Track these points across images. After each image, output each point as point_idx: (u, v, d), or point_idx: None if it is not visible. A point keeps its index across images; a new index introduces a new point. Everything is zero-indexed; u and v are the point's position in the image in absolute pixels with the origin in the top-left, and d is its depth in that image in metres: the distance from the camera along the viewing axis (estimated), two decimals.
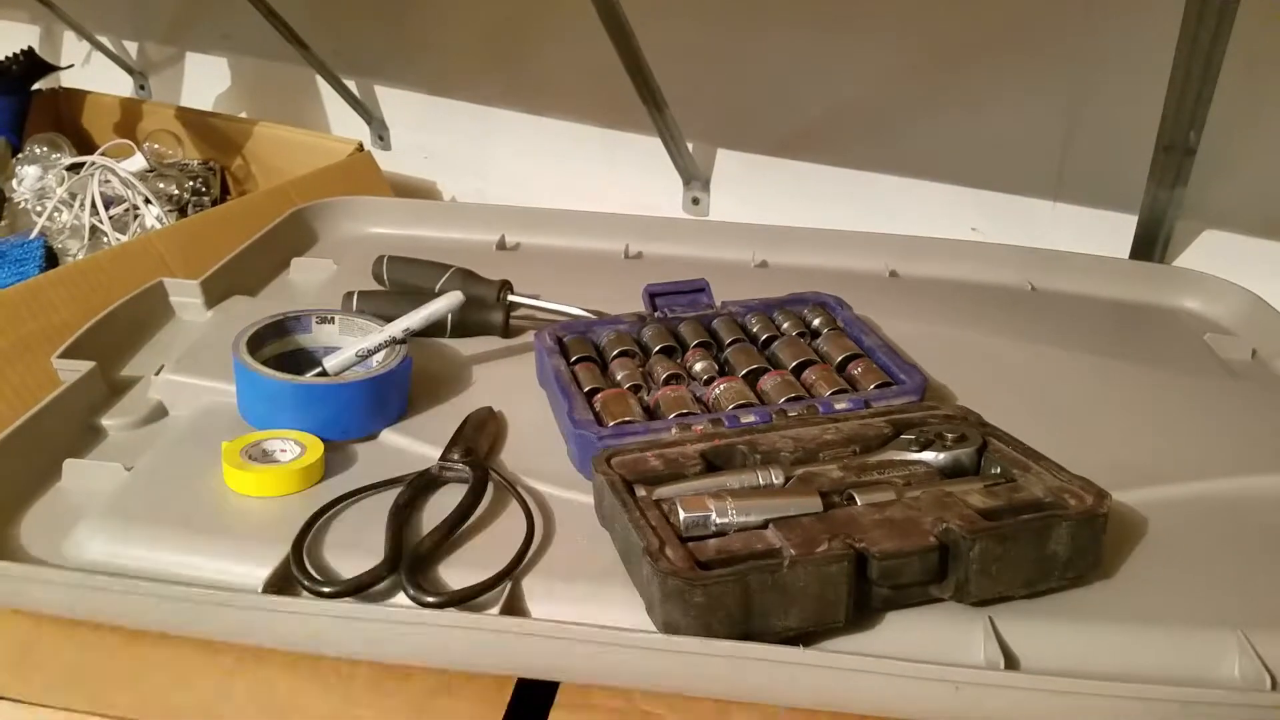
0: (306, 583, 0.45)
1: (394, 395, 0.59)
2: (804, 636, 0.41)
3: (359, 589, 0.44)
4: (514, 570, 0.46)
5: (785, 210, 1.00)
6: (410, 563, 0.46)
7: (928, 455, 0.49)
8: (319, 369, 0.59)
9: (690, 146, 1.02)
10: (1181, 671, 0.42)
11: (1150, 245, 0.82)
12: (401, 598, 0.44)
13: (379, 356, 0.60)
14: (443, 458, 0.54)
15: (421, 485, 0.52)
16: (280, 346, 0.61)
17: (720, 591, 0.39)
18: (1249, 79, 0.72)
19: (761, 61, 0.96)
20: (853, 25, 0.90)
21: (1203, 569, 0.47)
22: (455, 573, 0.46)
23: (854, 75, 0.93)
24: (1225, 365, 0.68)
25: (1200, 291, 0.77)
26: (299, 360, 0.61)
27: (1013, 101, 0.86)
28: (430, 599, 0.43)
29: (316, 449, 0.54)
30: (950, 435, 0.50)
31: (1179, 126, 0.73)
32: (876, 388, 0.58)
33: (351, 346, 0.59)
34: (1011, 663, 0.42)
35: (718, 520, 0.44)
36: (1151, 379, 0.65)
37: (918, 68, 0.90)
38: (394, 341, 0.60)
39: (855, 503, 0.45)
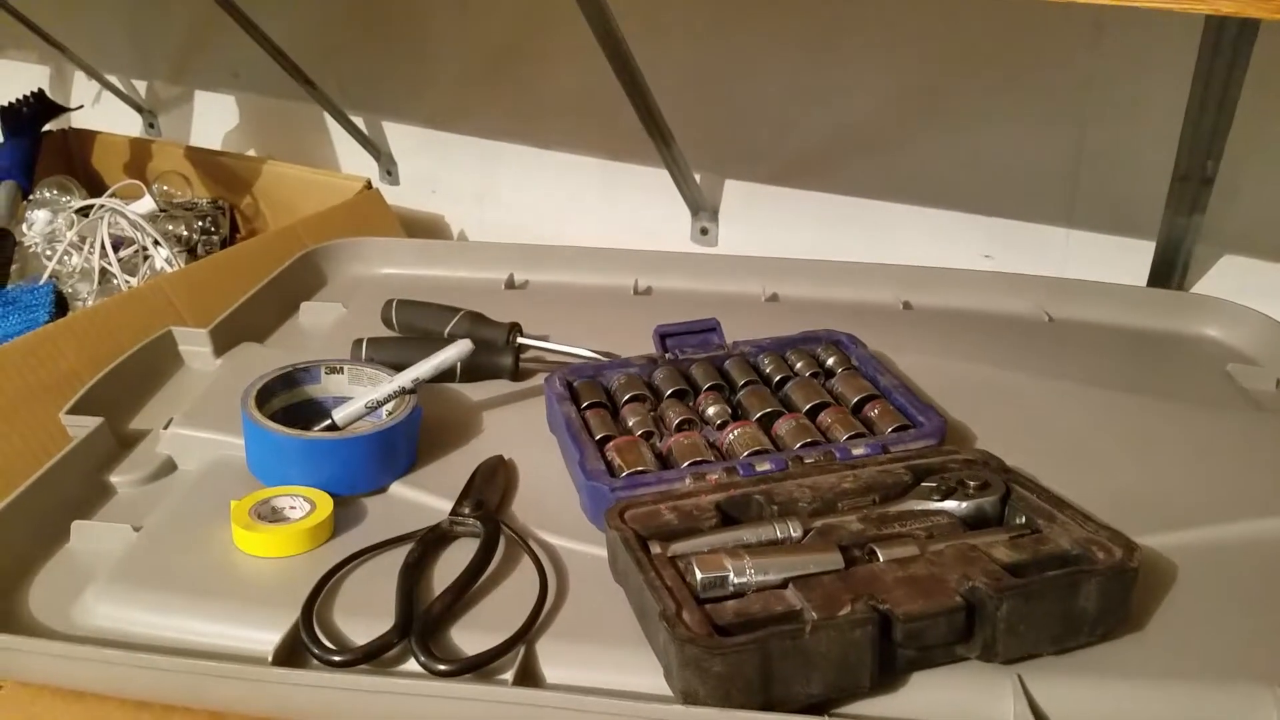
0: (316, 650, 0.44)
1: (403, 447, 0.58)
2: (826, 703, 0.40)
3: (369, 657, 0.43)
4: (527, 633, 0.45)
5: (795, 239, 0.99)
6: (421, 627, 0.45)
7: (950, 505, 0.48)
8: (328, 422, 0.58)
9: (698, 177, 1.01)
10: None
11: (1168, 272, 0.81)
12: (413, 663, 0.44)
13: (388, 407, 0.59)
14: (453, 511, 0.53)
15: (432, 541, 0.51)
16: (289, 398, 0.61)
17: (740, 660, 0.38)
18: (1267, 105, 0.71)
19: (768, 89, 0.96)
20: (860, 51, 0.90)
21: (1235, 619, 0.46)
22: (468, 635, 0.45)
23: (861, 101, 0.92)
24: (1249, 396, 0.67)
25: (1221, 319, 0.76)
26: (309, 411, 0.61)
27: (1024, 127, 0.85)
28: (442, 667, 0.42)
29: (326, 506, 0.53)
30: (973, 483, 0.49)
31: (1195, 156, 0.72)
32: (894, 430, 0.57)
33: (361, 398, 0.59)
34: None
35: (736, 580, 0.43)
36: (1175, 414, 0.64)
37: (926, 92, 0.89)
38: (403, 392, 0.59)
39: (877, 557, 0.44)
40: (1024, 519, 0.47)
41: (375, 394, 0.58)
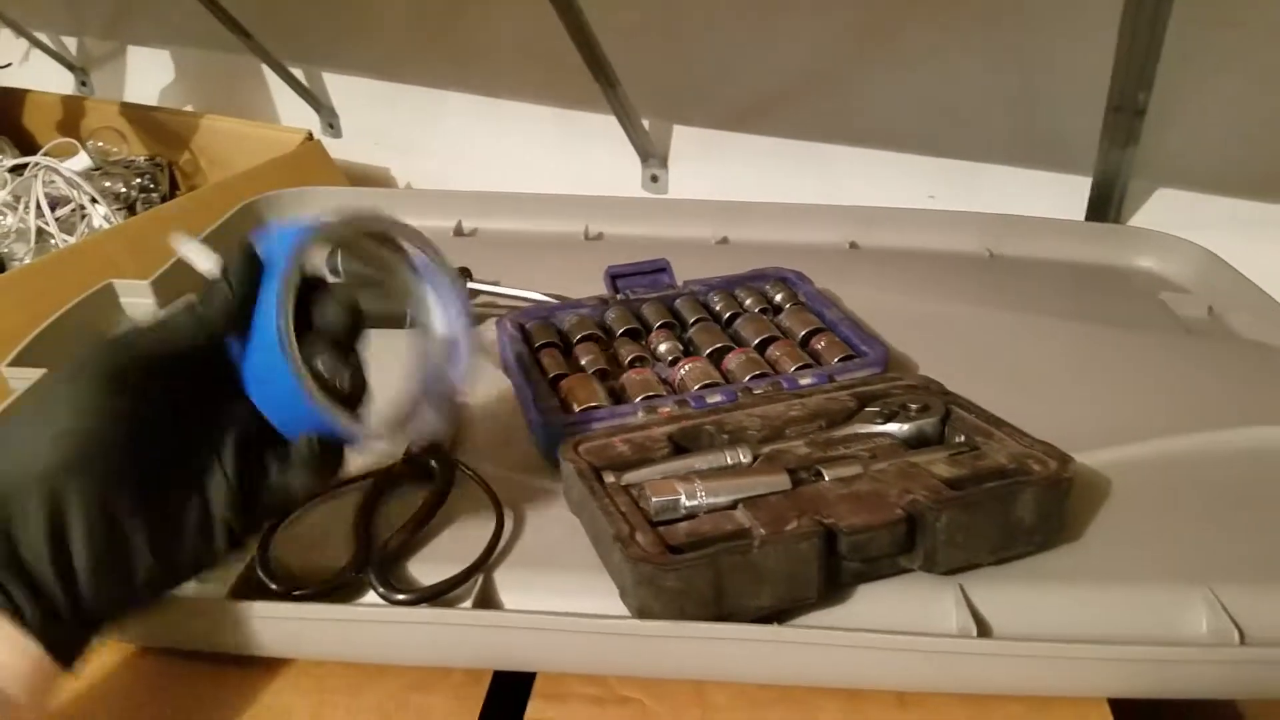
0: (274, 587, 0.44)
1: None
2: (777, 614, 0.42)
3: (327, 590, 0.44)
4: (485, 563, 0.45)
5: (744, 184, 1.00)
6: (379, 561, 0.45)
7: (892, 427, 0.50)
8: None
9: (646, 123, 1.01)
10: (1151, 629, 0.42)
11: (1105, 206, 0.83)
12: (372, 596, 0.44)
13: None
14: (407, 452, 0.53)
15: (387, 481, 0.52)
16: None
17: (692, 575, 0.39)
18: (1195, 36, 0.73)
19: (713, 34, 0.96)
20: None
21: (1167, 527, 0.48)
22: (426, 568, 0.46)
23: (805, 46, 0.93)
24: (1182, 323, 0.69)
25: (1155, 250, 0.78)
26: None
27: (961, 66, 0.86)
28: (401, 596, 0.43)
29: None
30: (914, 406, 0.50)
31: (1128, 87, 0.73)
32: (840, 361, 0.58)
33: None
34: (984, 629, 0.42)
35: (687, 503, 0.44)
36: (1110, 340, 0.66)
37: (868, 35, 0.89)
38: None
39: (822, 478, 0.45)
40: (963, 438, 0.49)
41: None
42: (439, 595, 0.43)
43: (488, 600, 0.45)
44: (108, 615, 0.37)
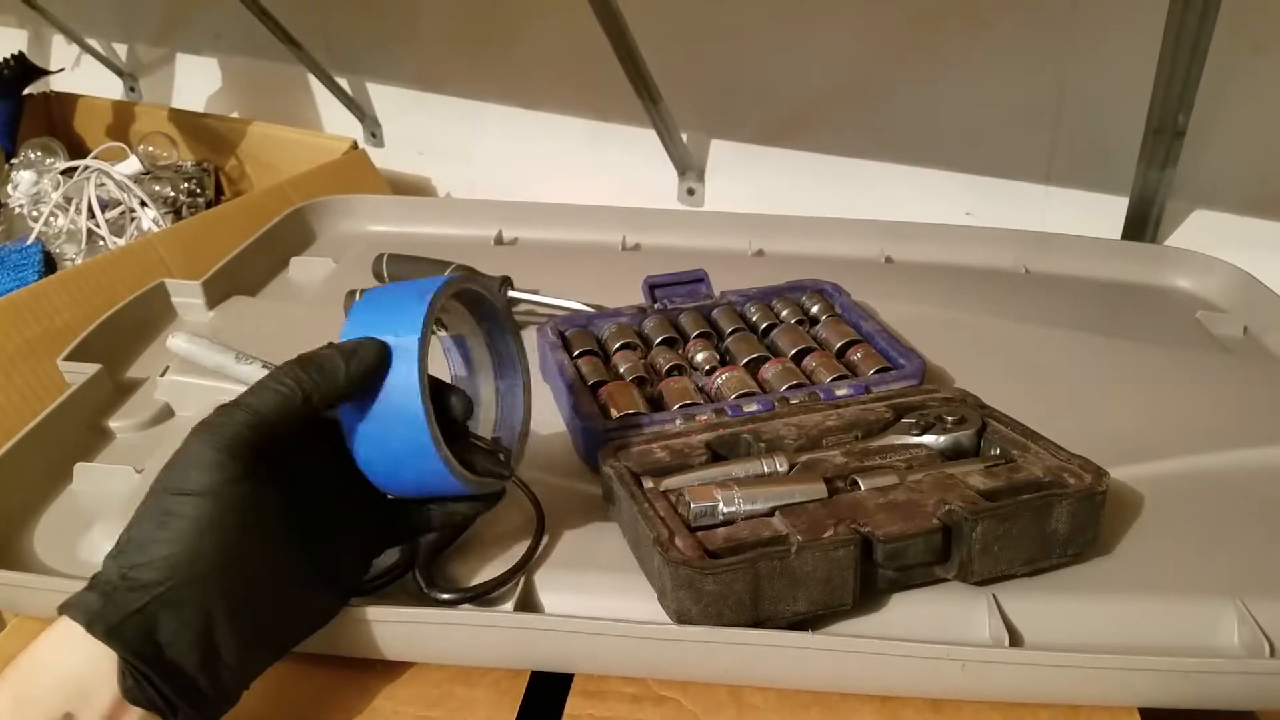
0: None
1: None
2: (812, 620, 0.42)
3: (375, 589, 0.45)
4: (526, 564, 0.46)
5: (780, 198, 1.01)
6: (424, 560, 0.46)
7: (928, 438, 0.50)
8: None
9: (684, 136, 1.02)
10: (1182, 641, 0.43)
11: (1142, 225, 0.83)
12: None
13: None
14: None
15: None
16: None
17: (730, 579, 0.40)
18: (1236, 59, 0.73)
19: (754, 49, 0.97)
20: (844, 9, 0.91)
21: (1199, 541, 0.48)
22: (469, 568, 0.47)
23: (843, 61, 0.94)
24: (1217, 341, 0.69)
25: (1191, 270, 0.78)
26: None
27: (1002, 84, 0.87)
28: (445, 596, 0.44)
29: None
30: (950, 418, 0.51)
31: (1168, 109, 0.73)
32: (876, 372, 0.59)
33: None
34: (1015, 639, 0.43)
35: (725, 509, 0.44)
36: (1145, 357, 0.66)
37: (908, 52, 0.90)
38: None
39: (859, 487, 0.46)
40: (999, 450, 0.49)
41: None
42: (481, 595, 0.45)
43: (528, 601, 0.46)
44: (251, 677, 0.38)
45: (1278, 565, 0.46)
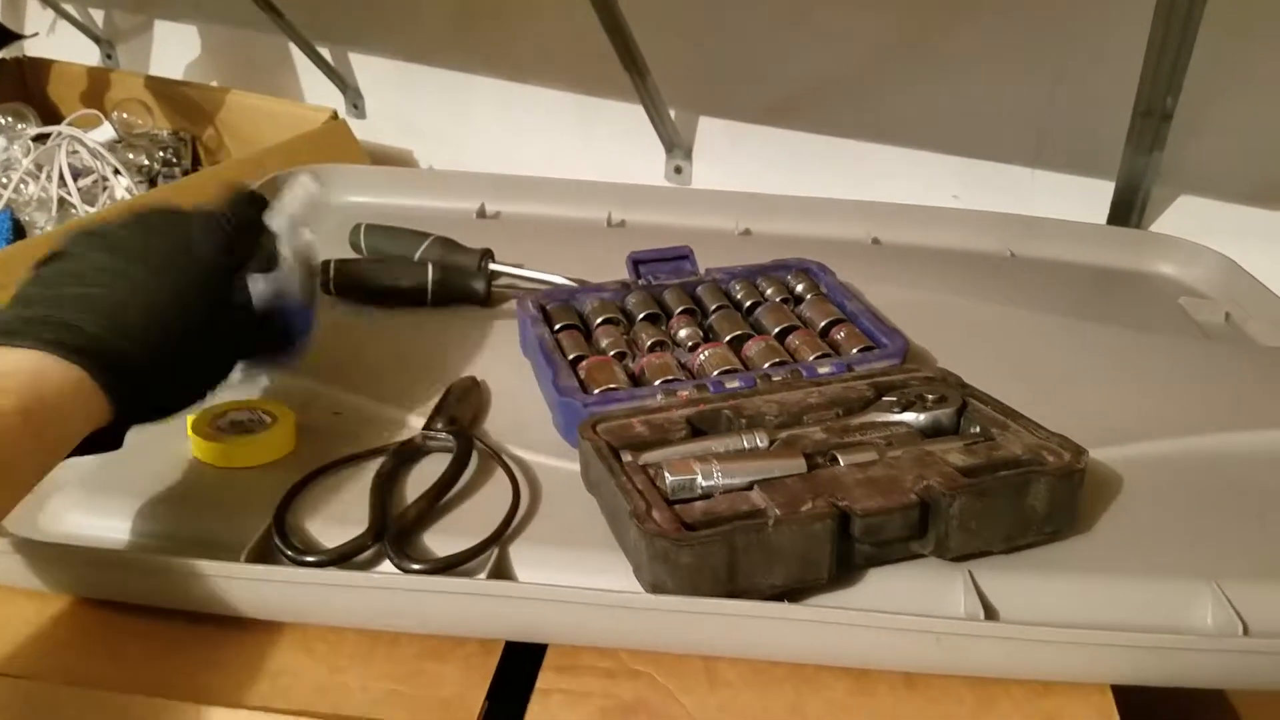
0: (289, 553, 0.45)
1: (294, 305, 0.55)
2: (789, 594, 0.42)
3: (342, 558, 0.44)
4: (499, 537, 0.46)
5: (768, 178, 1.00)
6: (395, 531, 0.46)
7: (909, 416, 0.50)
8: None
9: (672, 114, 1.01)
10: (1157, 621, 0.43)
11: (1127, 211, 0.83)
12: (387, 566, 0.45)
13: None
14: (426, 427, 0.54)
15: (405, 455, 0.52)
16: None
17: (706, 551, 0.40)
18: (1225, 44, 0.73)
19: (744, 27, 0.96)
20: None
21: (1177, 523, 0.48)
22: (441, 541, 0.46)
23: (835, 42, 0.93)
24: (1200, 327, 0.69)
25: (1176, 256, 0.78)
26: None
27: (992, 68, 0.86)
28: (415, 567, 0.43)
29: (287, 418, 0.53)
30: (930, 396, 0.51)
31: (1156, 92, 0.73)
32: (859, 351, 0.58)
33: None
34: (991, 615, 0.42)
35: (703, 483, 0.44)
36: (1127, 341, 0.66)
37: (898, 34, 0.90)
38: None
39: (838, 463, 0.46)
40: (978, 429, 0.49)
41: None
42: (453, 567, 0.44)
43: (503, 574, 0.45)
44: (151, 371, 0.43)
45: (1254, 548, 0.46)
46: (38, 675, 0.42)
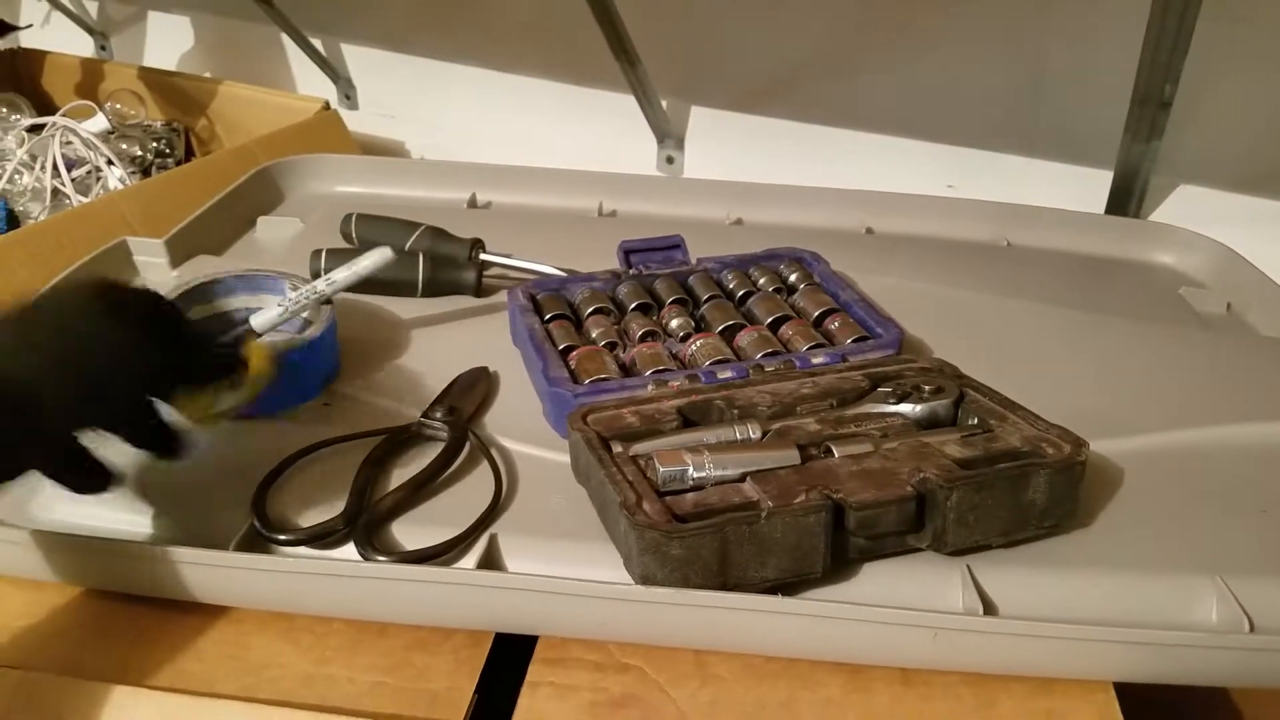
0: (264, 530, 0.44)
1: (325, 358, 0.57)
2: (782, 588, 0.41)
3: (313, 539, 0.44)
4: (480, 530, 0.45)
5: (761, 167, 0.99)
6: (367, 519, 0.45)
7: (905, 407, 0.49)
8: (243, 329, 0.55)
9: (664, 103, 1.00)
10: (1160, 616, 0.42)
11: (1125, 200, 0.82)
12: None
13: (308, 315, 0.57)
14: (425, 415, 0.53)
15: (399, 441, 0.51)
16: (204, 311, 0.59)
17: (697, 544, 0.39)
18: (1224, 31, 0.72)
19: (736, 15, 0.95)
20: None
21: (1179, 517, 0.47)
22: (422, 530, 0.45)
23: (828, 29, 0.92)
24: (1200, 318, 0.69)
25: (1175, 246, 0.77)
26: (225, 326, 0.59)
27: (989, 57, 0.85)
28: (380, 558, 0.43)
29: (258, 351, 0.50)
30: (927, 387, 0.50)
31: (1154, 80, 0.72)
32: (853, 342, 0.58)
33: (274, 305, 0.56)
34: (990, 609, 0.42)
35: (695, 474, 0.43)
36: (1127, 332, 0.65)
37: (892, 20, 0.88)
38: (321, 300, 0.57)
39: (832, 455, 0.45)
40: (976, 420, 0.48)
41: (292, 299, 0.56)
42: (423, 560, 0.43)
43: (492, 564, 0.44)
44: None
45: (1258, 542, 0.45)
46: (17, 662, 0.41)
